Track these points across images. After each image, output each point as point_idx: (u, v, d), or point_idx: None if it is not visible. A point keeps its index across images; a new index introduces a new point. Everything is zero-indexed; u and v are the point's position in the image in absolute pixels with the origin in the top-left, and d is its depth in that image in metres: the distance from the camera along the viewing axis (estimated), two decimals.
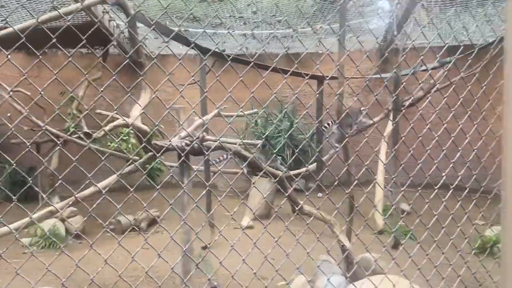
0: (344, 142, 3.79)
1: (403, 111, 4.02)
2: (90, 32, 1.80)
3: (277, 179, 2.61)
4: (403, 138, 2.17)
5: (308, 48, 6.74)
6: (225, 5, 5.10)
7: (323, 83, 7.58)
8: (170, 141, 2.34)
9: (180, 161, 2.38)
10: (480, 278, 2.60)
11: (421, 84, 5.03)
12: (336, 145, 5.86)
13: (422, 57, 2.18)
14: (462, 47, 2.30)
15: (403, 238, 4.93)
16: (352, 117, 5.35)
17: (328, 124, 7.23)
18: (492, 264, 2.16)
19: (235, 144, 2.98)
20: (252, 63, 2.06)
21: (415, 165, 2.20)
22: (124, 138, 6.20)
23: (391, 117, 5.30)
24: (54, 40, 1.65)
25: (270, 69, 2.16)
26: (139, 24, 4.37)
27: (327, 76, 2.46)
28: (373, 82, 7.73)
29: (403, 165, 2.20)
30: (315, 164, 6.17)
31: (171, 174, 2.29)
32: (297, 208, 2.67)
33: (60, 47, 1.80)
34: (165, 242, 2.12)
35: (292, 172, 6.38)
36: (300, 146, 5.90)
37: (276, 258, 2.48)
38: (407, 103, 4.98)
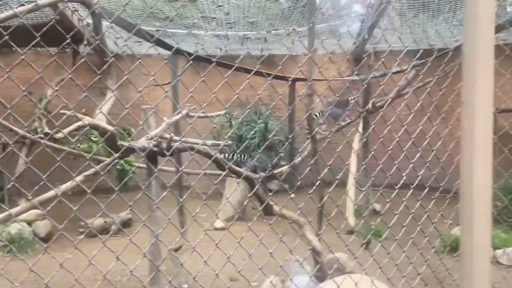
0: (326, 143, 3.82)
1: (375, 112, 4.08)
2: (44, 30, 1.77)
3: (242, 177, 2.59)
4: (364, 139, 2.20)
5: (282, 50, 6.79)
6: (197, 6, 5.07)
7: (295, 85, 7.65)
8: (129, 143, 2.26)
9: (148, 162, 2.34)
10: (447, 277, 2.66)
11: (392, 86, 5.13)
12: (326, 133, 5.87)
13: (398, 60, 2.21)
14: (421, 51, 2.37)
15: (375, 237, 5.01)
16: (341, 108, 5.41)
17: (316, 115, 7.26)
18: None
19: (205, 145, 2.94)
20: (235, 66, 2.04)
21: (386, 166, 2.24)
22: (95, 139, 6.05)
23: (368, 119, 5.39)
24: (6, 37, 1.61)
25: (252, 73, 2.15)
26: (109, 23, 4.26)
27: (291, 78, 2.47)
28: (347, 84, 7.85)
29: (365, 166, 2.22)
30: (288, 165, 6.20)
31: (130, 176, 2.25)
32: (261, 208, 2.67)
33: (14, 45, 1.75)
34: (138, 244, 2.07)
35: (267, 173, 6.39)
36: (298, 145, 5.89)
37: (248, 258, 2.47)
38: (389, 103, 5.06)
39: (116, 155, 2.19)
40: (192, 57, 1.88)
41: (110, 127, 2.31)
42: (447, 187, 2.40)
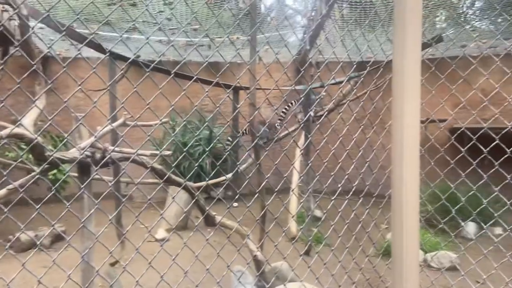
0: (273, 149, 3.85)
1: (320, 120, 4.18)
2: None
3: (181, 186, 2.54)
4: (302, 151, 2.25)
5: (227, 58, 6.80)
6: (138, 9, 4.93)
7: (238, 93, 7.68)
8: (52, 152, 2.12)
9: (79, 173, 2.22)
10: (381, 282, 2.77)
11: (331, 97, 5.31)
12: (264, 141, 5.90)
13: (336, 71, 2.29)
14: (355, 65, 2.48)
15: (316, 244, 5.13)
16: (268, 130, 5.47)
17: (287, 108, 7.28)
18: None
19: (143, 155, 2.86)
20: (173, 73, 1.99)
21: (326, 173, 2.30)
22: (25, 147, 5.67)
23: (315, 126, 5.51)
24: None
25: (192, 80, 2.11)
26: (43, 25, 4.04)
27: (232, 86, 2.47)
28: (289, 93, 8.02)
29: (304, 174, 2.26)
30: (231, 173, 6.19)
31: (59, 186, 2.12)
32: (201, 219, 2.63)
33: None
34: (70, 259, 1.96)
35: (216, 180, 6.35)
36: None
37: (192, 271, 2.42)
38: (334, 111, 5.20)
39: (42, 166, 2.05)
40: (128, 61, 1.81)
41: (34, 136, 2.15)
42: (383, 192, 2.51)
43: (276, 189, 2.37)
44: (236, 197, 6.40)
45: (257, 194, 2.31)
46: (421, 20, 1.62)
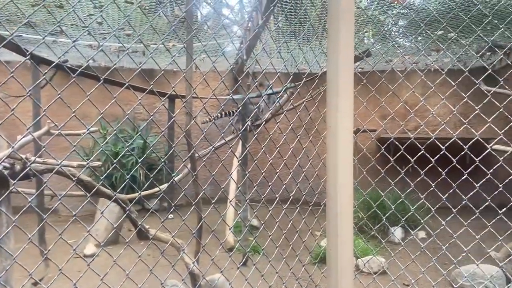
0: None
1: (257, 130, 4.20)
2: None
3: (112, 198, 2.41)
4: (240, 160, 2.24)
5: (162, 66, 6.64)
6: (65, 11, 4.66)
7: (174, 101, 7.54)
8: None
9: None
10: None
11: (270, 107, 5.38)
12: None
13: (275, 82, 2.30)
14: (291, 76, 2.54)
15: (253, 254, 5.12)
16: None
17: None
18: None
19: (70, 166, 2.68)
20: (102, 79, 1.88)
21: (263, 183, 2.30)
22: None
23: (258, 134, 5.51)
24: None
25: (124, 87, 2.01)
26: None
27: (167, 94, 2.42)
28: (226, 102, 8.02)
29: (241, 184, 2.25)
30: (166, 184, 6.02)
31: None
32: (134, 233, 2.52)
33: None
34: None
35: (148, 192, 6.11)
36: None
37: (126, 285, 2.30)
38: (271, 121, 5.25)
39: None
40: (51, 66, 1.68)
41: None
42: (319, 201, 2.56)
43: (213, 200, 2.32)
44: (172, 209, 6.24)
45: (193, 206, 2.25)
46: (353, 34, 1.68)
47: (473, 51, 6.55)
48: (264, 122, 5.56)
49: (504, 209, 2.37)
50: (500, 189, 2.43)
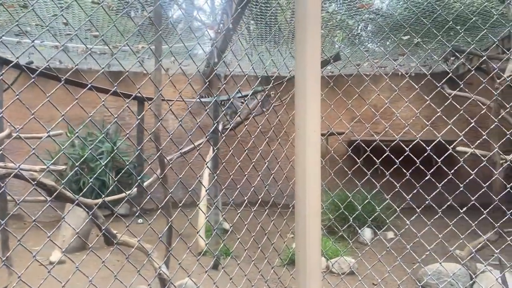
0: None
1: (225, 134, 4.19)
2: None
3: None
4: (207, 163, 2.24)
5: (131, 68, 6.53)
6: (29, 12, 4.53)
7: (143, 104, 7.45)
8: None
9: None
10: None
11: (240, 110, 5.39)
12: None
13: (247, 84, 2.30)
14: (259, 79, 2.56)
15: (224, 257, 5.10)
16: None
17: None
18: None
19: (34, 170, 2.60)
20: (63, 80, 1.83)
21: (233, 185, 2.30)
22: None
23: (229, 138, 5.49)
24: None
25: (86, 88, 1.96)
26: None
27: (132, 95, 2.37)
28: (197, 105, 7.97)
29: (209, 187, 2.25)
30: (135, 189, 5.93)
31: None
32: (98, 237, 2.46)
33: None
34: None
35: (114, 197, 5.99)
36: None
37: None
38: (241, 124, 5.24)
39: None
40: (9, 67, 1.63)
41: None
42: (288, 203, 2.58)
43: (180, 203, 2.30)
44: (138, 213, 6.14)
45: (159, 209, 2.22)
46: (320, 38, 1.70)
47: (437, 56, 6.78)
48: (235, 126, 5.56)
49: (465, 208, 2.46)
50: (461, 189, 2.51)
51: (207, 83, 2.39)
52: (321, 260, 1.74)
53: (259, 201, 2.46)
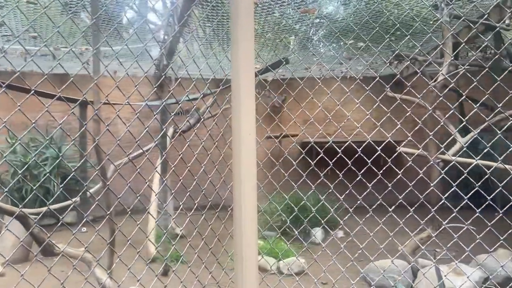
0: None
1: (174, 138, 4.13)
2: None
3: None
4: (156, 168, 2.20)
5: (76, 70, 6.26)
6: None
7: (86, 108, 7.18)
8: None
9: None
10: None
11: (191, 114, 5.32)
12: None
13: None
14: (208, 83, 2.54)
15: (175, 263, 4.99)
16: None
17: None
18: None
19: None
20: (4, 87, 1.72)
21: (183, 190, 2.26)
22: None
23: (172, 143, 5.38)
24: None
25: (31, 94, 1.86)
26: None
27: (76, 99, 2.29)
28: (148, 109, 7.78)
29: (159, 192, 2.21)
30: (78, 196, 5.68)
31: None
32: (39, 250, 2.34)
33: None
34: None
35: (59, 205, 5.71)
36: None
37: None
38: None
39: None
40: None
41: None
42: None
43: (129, 209, 2.23)
44: (84, 221, 5.89)
45: (107, 216, 2.15)
46: (253, 40, 1.68)
47: (382, 61, 7.07)
48: (185, 130, 5.49)
49: (414, 206, 2.54)
50: (410, 188, 2.59)
51: (155, 88, 2.34)
52: (257, 262, 1.73)
53: (208, 205, 2.44)
